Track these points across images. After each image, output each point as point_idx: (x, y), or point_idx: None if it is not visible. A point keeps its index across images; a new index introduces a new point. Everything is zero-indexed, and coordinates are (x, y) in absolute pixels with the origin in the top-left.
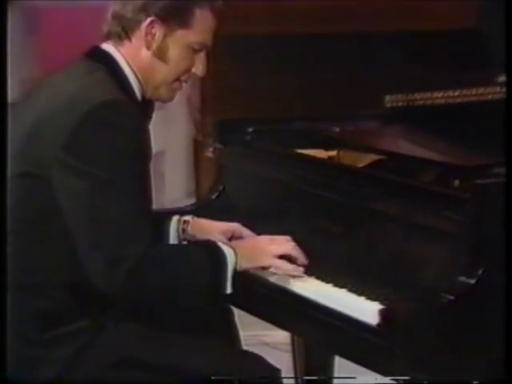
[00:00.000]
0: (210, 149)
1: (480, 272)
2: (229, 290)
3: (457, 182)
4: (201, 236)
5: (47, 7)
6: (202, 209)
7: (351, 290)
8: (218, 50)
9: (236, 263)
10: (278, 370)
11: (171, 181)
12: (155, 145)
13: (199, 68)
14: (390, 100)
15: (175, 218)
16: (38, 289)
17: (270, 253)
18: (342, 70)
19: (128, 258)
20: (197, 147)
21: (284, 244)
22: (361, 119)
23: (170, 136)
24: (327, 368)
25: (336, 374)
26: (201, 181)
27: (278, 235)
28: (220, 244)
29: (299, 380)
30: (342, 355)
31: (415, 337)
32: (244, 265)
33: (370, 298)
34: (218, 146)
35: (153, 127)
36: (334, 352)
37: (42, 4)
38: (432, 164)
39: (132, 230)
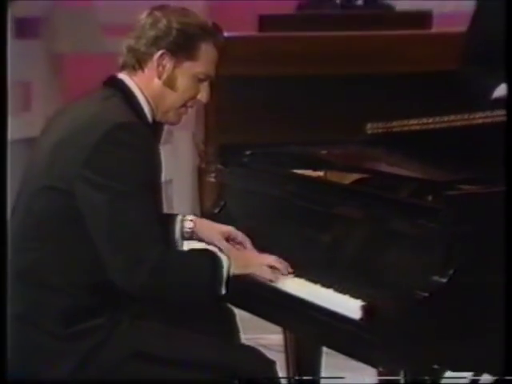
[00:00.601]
0: (212, 174)
1: (451, 272)
2: (223, 292)
3: (430, 198)
4: (202, 234)
5: (71, 54)
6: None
7: (337, 290)
8: (221, 89)
9: (229, 269)
10: (273, 362)
11: (179, 205)
12: (164, 174)
13: (203, 95)
14: (371, 127)
15: (179, 218)
16: (62, 289)
17: (257, 262)
18: (331, 103)
19: (148, 258)
20: (200, 173)
21: (268, 257)
22: (346, 144)
23: (178, 166)
24: (316, 365)
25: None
26: (205, 202)
27: (280, 248)
28: (217, 252)
29: (292, 380)
30: (329, 346)
31: (393, 330)
32: (235, 271)
33: (354, 296)
34: (220, 167)
35: (162, 159)
36: (322, 344)
37: (66, 50)
38: (408, 180)
39: (148, 233)
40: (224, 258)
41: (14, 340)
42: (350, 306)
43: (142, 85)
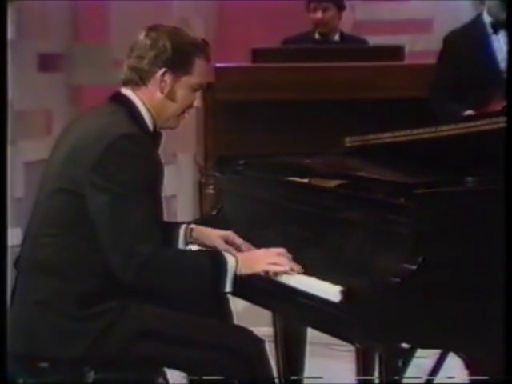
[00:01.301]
0: (211, 187)
1: (420, 259)
2: (228, 289)
3: (401, 197)
4: (202, 239)
5: (88, 85)
6: (205, 222)
7: (319, 278)
8: (219, 113)
9: (236, 268)
10: (262, 341)
11: (182, 217)
12: (169, 190)
13: (199, 102)
14: (349, 141)
15: (183, 226)
16: (76, 278)
17: (264, 262)
18: (314, 123)
19: (138, 255)
20: (201, 187)
21: (275, 256)
22: (327, 155)
23: (181, 183)
24: (301, 353)
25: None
26: (205, 211)
27: (271, 245)
28: (223, 252)
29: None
30: (313, 327)
31: (369, 311)
32: (243, 271)
33: (334, 282)
34: (217, 174)
35: (167, 177)
36: (307, 324)
37: (84, 82)
38: (382, 183)
39: (143, 232)
40: (231, 259)
41: (34, 323)
42: (330, 291)
43: (145, 99)
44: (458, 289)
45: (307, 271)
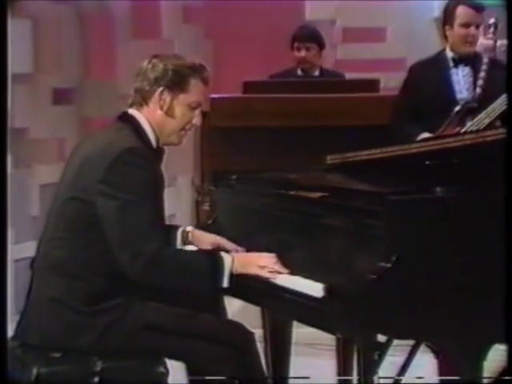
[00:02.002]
0: (207, 204)
1: (394, 258)
2: (225, 285)
3: (377, 205)
4: (196, 243)
5: (97, 117)
6: (202, 229)
7: (303, 276)
8: (214, 138)
9: (233, 266)
10: (252, 334)
11: None
12: (169, 209)
13: (197, 120)
14: (330, 158)
15: (181, 229)
16: (86, 277)
17: (257, 264)
18: (298, 147)
19: (145, 253)
20: (198, 205)
21: (266, 260)
22: (310, 171)
23: (180, 203)
24: (287, 353)
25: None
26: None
27: (260, 248)
28: (221, 252)
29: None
30: (299, 320)
31: (349, 305)
32: (239, 270)
33: (317, 280)
34: (212, 188)
35: (167, 197)
36: (293, 318)
37: (93, 115)
38: (359, 193)
39: (148, 233)
40: (227, 258)
41: (48, 318)
42: (314, 288)
43: (148, 116)
44: (429, 283)
45: (294, 271)
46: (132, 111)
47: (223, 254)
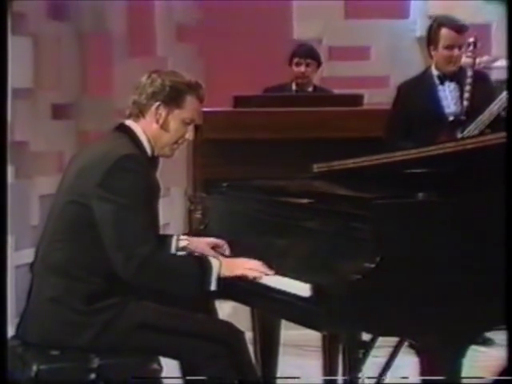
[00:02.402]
0: (199, 212)
1: (378, 259)
2: (213, 288)
3: (362, 209)
4: (193, 247)
5: (94, 131)
6: (194, 235)
7: (291, 278)
8: (206, 150)
9: (220, 270)
10: (242, 332)
11: None
12: (163, 219)
13: (190, 135)
14: (316, 167)
15: (175, 236)
16: (84, 278)
17: (243, 267)
18: (286, 157)
19: (138, 255)
20: (190, 213)
21: (253, 263)
22: (298, 179)
23: (173, 213)
24: (275, 353)
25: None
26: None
27: (250, 251)
28: (209, 257)
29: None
30: (287, 319)
31: (335, 303)
32: (226, 273)
33: (305, 281)
34: (204, 195)
35: (161, 207)
36: (281, 317)
37: (90, 129)
38: (345, 198)
39: (142, 237)
40: (215, 262)
41: (47, 317)
42: (302, 288)
43: (144, 128)
44: (411, 283)
45: (282, 273)
46: (129, 122)
47: (211, 258)
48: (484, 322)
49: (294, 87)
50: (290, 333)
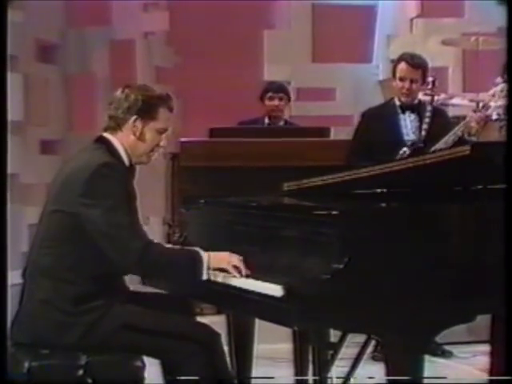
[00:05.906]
0: (177, 235)
1: (346, 260)
2: (204, 277)
3: (329, 217)
4: None
5: None
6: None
7: (264, 280)
8: (182, 177)
9: (209, 262)
10: (218, 334)
11: None
12: None
13: (164, 143)
14: (287, 185)
15: None
16: (72, 281)
17: (227, 261)
18: (260, 181)
19: (134, 250)
20: (169, 237)
21: (235, 257)
22: (268, 196)
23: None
24: (249, 349)
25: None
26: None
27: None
28: (199, 249)
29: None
30: (260, 318)
31: (305, 302)
32: (213, 265)
33: (276, 283)
34: (183, 210)
35: None
36: (256, 316)
37: None
38: (313, 208)
39: (133, 233)
40: (204, 254)
41: (38, 318)
42: (274, 289)
43: (122, 140)
44: (376, 282)
45: (256, 276)
46: (107, 135)
47: (200, 250)
48: (443, 320)
49: (266, 121)
50: (262, 346)
